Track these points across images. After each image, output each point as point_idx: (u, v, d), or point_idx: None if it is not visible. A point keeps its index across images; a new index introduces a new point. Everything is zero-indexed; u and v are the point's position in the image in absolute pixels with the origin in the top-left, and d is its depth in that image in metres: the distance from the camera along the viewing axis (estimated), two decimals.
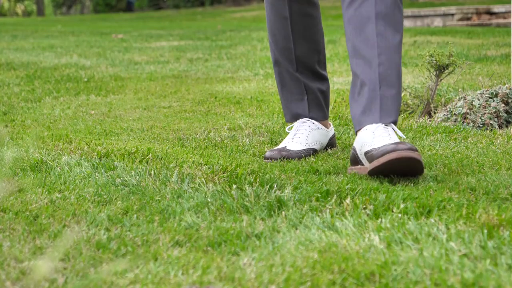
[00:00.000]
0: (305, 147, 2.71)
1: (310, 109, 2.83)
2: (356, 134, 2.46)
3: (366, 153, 2.36)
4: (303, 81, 2.82)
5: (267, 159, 2.62)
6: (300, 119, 2.82)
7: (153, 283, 1.56)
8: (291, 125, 2.84)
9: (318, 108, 2.84)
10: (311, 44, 2.79)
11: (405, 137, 2.52)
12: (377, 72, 2.42)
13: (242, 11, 20.12)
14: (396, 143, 2.27)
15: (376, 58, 2.42)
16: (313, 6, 2.77)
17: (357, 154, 2.42)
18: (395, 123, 2.44)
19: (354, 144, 2.45)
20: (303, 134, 2.75)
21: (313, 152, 2.73)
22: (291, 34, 2.76)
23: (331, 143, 2.85)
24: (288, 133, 2.90)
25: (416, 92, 3.63)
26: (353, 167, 2.44)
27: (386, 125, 2.40)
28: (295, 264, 1.60)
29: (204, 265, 1.63)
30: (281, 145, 2.73)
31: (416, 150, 2.25)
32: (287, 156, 2.64)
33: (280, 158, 2.62)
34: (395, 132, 2.41)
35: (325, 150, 2.81)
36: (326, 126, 2.85)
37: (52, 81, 5.12)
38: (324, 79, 2.89)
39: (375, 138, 2.37)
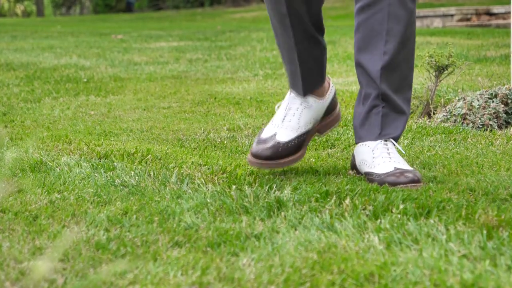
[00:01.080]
0: (297, 133, 2.41)
1: (303, 82, 2.44)
2: (356, 144, 2.42)
3: (366, 174, 2.33)
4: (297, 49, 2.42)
5: (254, 157, 2.35)
6: (292, 94, 2.47)
7: (153, 283, 1.56)
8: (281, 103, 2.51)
9: (312, 79, 2.46)
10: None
11: (403, 152, 2.47)
12: (379, 88, 2.33)
13: (241, 12, 20.12)
14: (398, 174, 2.23)
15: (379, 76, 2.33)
16: None
17: (356, 166, 2.38)
18: (396, 138, 2.37)
19: (354, 152, 2.41)
20: (294, 116, 2.44)
21: (306, 135, 2.43)
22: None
23: (329, 109, 2.53)
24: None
25: (415, 93, 3.63)
26: (351, 172, 2.41)
27: (386, 141, 2.35)
28: (295, 265, 1.60)
29: (204, 265, 1.63)
30: (270, 130, 2.41)
31: (418, 178, 2.22)
32: (276, 153, 2.35)
33: (268, 159, 2.35)
34: (395, 147, 2.35)
35: (323, 120, 2.52)
36: (322, 94, 2.50)
37: (52, 82, 5.12)
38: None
39: (375, 158, 2.31)
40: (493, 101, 3.36)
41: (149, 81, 5.19)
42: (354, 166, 2.40)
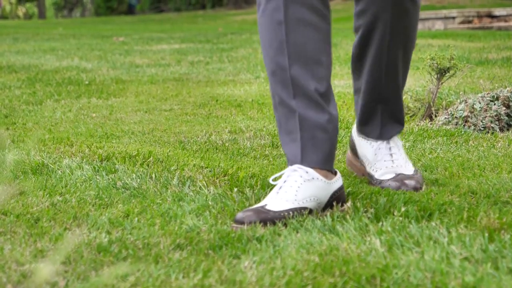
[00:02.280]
0: (293, 206, 1.98)
1: (303, 152, 2.06)
2: (356, 126, 2.37)
3: (367, 173, 2.32)
4: (299, 113, 2.06)
5: (238, 223, 1.92)
6: (290, 166, 2.07)
7: (154, 286, 1.55)
8: (280, 174, 2.10)
9: (315, 151, 2.07)
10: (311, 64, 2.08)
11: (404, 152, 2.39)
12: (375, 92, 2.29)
13: (243, 14, 20.12)
14: (399, 181, 2.20)
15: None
16: (319, 14, 2.09)
17: (356, 151, 2.35)
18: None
19: (353, 137, 2.35)
20: (291, 188, 2.03)
21: (304, 211, 1.99)
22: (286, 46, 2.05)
23: (336, 198, 2.09)
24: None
25: (417, 95, 3.63)
26: (352, 161, 2.35)
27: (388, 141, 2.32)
28: (296, 268, 1.60)
29: (205, 268, 1.63)
30: (261, 203, 2.02)
31: (420, 185, 2.20)
32: (264, 219, 1.93)
33: (253, 222, 1.92)
34: (396, 145, 2.31)
35: (330, 208, 2.08)
36: (327, 176, 2.08)
37: (53, 84, 5.12)
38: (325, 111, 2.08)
39: (377, 161, 2.28)
40: (494, 104, 3.36)
41: (150, 83, 5.19)
42: (353, 149, 2.36)
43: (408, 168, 2.27)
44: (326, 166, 2.07)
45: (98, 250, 1.77)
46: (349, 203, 2.08)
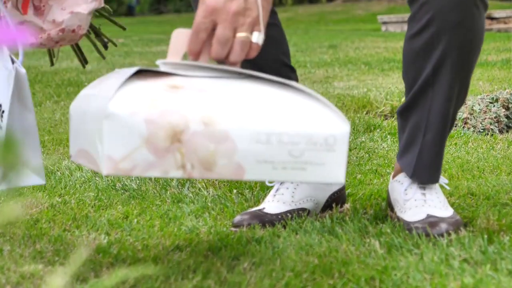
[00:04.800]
0: (290, 208, 1.99)
1: None
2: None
3: (397, 216, 1.94)
4: None
5: (236, 227, 1.92)
6: None
7: (153, 287, 1.55)
8: None
9: None
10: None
11: (448, 188, 2.11)
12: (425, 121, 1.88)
13: None
14: (430, 224, 1.80)
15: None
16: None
17: (391, 204, 2.00)
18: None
19: (388, 188, 2.02)
20: (287, 190, 2.02)
21: (302, 212, 2.00)
22: None
23: (335, 199, 2.08)
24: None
25: None
26: (391, 214, 2.00)
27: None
28: (295, 269, 1.60)
29: (204, 269, 1.63)
30: (259, 206, 2.01)
31: (454, 228, 1.80)
32: (262, 220, 1.93)
33: (251, 224, 1.91)
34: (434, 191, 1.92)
35: (328, 209, 2.07)
36: None
37: (53, 86, 5.12)
38: None
39: (407, 201, 1.91)
40: (494, 106, 3.36)
41: None
42: (390, 205, 2.00)
43: (443, 211, 1.87)
44: None
45: (97, 252, 1.77)
46: (348, 205, 2.08)
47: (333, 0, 22.58)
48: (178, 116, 1.30)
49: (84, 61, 1.97)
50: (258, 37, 1.44)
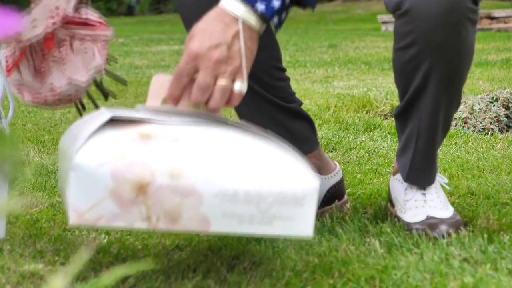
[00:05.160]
0: None
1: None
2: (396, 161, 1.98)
3: (395, 212, 1.94)
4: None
5: None
6: None
7: (153, 287, 1.55)
8: None
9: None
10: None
11: (448, 188, 2.10)
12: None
13: None
14: (429, 226, 1.80)
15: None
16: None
17: (392, 201, 1.99)
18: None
19: (389, 185, 2.02)
20: None
21: None
22: None
23: (333, 193, 2.06)
24: None
25: None
26: (389, 208, 2.01)
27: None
28: (296, 269, 1.60)
29: (205, 269, 1.63)
30: None
31: (454, 228, 1.80)
32: None
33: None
34: (434, 185, 1.92)
35: (327, 204, 2.06)
36: (323, 170, 2.04)
37: None
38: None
39: (407, 201, 1.90)
40: (494, 105, 3.36)
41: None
42: (390, 201, 2.00)
43: (443, 211, 1.87)
44: (310, 149, 2.00)
45: (97, 251, 1.77)
46: (347, 199, 2.08)
47: (333, 0, 22.57)
48: (145, 169, 1.31)
49: (105, 95, 1.96)
50: (240, 86, 1.45)
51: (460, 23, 1.70)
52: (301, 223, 1.36)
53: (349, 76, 5.59)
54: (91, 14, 1.74)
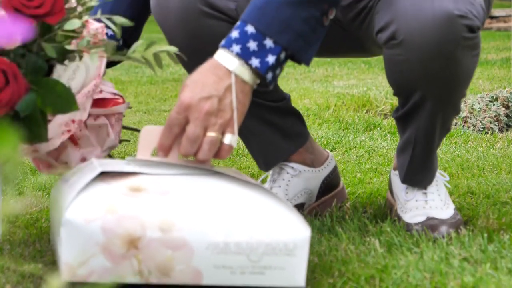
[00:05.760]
0: None
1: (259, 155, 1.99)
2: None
3: (395, 210, 1.95)
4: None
5: None
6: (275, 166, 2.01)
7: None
8: (266, 175, 2.06)
9: (284, 139, 1.98)
10: None
11: (449, 186, 2.05)
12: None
13: None
14: (428, 228, 1.80)
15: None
16: None
17: (393, 192, 1.99)
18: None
19: (390, 176, 2.00)
20: (280, 188, 1.98)
21: (299, 208, 1.99)
22: None
23: (328, 183, 2.07)
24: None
25: None
26: (389, 197, 2.02)
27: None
28: None
29: None
30: None
31: (455, 228, 1.80)
32: None
33: None
34: (435, 183, 1.91)
35: (324, 195, 2.07)
36: (317, 162, 2.05)
37: None
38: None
39: (408, 201, 1.89)
40: (494, 104, 3.37)
41: (150, 84, 5.19)
42: (391, 191, 2.00)
43: (444, 212, 1.86)
44: (301, 143, 2.00)
45: None
46: (345, 193, 2.08)
47: None
48: (135, 222, 1.32)
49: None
50: (230, 139, 1.45)
51: (456, 51, 1.65)
52: (293, 273, 1.37)
53: (349, 76, 5.59)
54: (105, 88, 1.71)
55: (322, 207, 2.06)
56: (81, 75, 1.59)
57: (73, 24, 1.50)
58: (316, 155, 2.04)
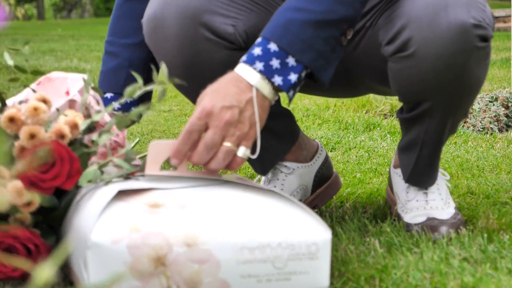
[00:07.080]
0: None
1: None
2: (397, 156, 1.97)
3: (396, 209, 1.95)
4: None
5: None
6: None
7: None
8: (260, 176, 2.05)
9: (278, 140, 1.98)
10: None
11: (449, 186, 2.07)
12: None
13: None
14: (429, 228, 1.80)
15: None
16: None
17: (392, 189, 1.99)
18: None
19: (390, 173, 2.01)
20: (275, 188, 1.98)
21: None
22: None
23: (321, 175, 2.08)
24: None
25: None
26: (389, 193, 2.03)
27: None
28: None
29: None
30: None
31: (455, 228, 1.80)
32: None
33: None
34: (437, 183, 1.91)
35: (318, 187, 2.08)
36: (309, 156, 2.06)
37: None
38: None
39: (409, 201, 1.89)
40: (493, 104, 3.37)
41: None
42: (390, 186, 2.02)
43: (444, 212, 1.86)
44: (292, 142, 1.99)
45: None
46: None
47: None
48: (160, 239, 1.31)
49: None
50: (244, 152, 1.45)
51: (469, 61, 1.64)
52: (318, 276, 1.38)
53: None
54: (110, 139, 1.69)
55: (319, 199, 2.06)
56: None
57: (90, 174, 1.50)
58: (308, 150, 2.04)
